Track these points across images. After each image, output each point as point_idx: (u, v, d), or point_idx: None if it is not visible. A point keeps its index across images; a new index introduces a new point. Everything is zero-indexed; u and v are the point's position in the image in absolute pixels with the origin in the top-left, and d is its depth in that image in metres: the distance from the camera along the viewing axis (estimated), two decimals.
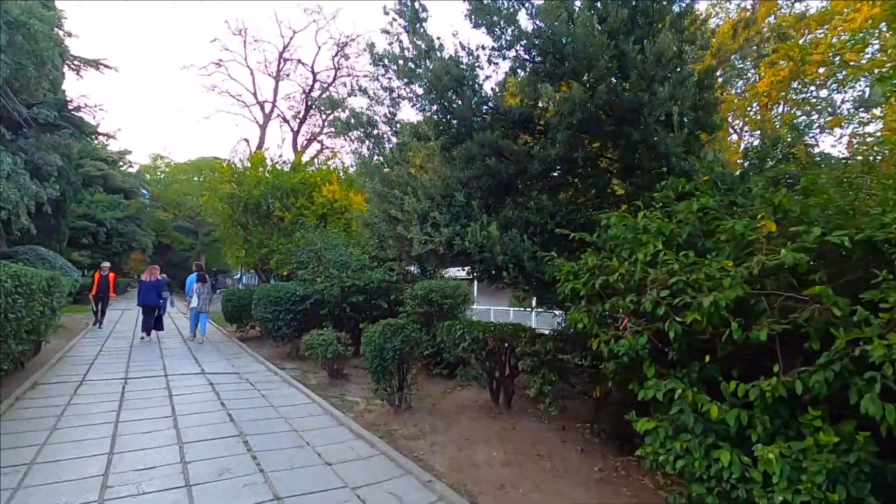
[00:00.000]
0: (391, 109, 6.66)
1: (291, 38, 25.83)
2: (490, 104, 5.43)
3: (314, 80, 24.80)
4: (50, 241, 23.53)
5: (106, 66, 22.72)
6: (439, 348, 8.03)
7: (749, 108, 17.77)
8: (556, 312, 6.67)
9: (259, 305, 11.26)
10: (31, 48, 12.53)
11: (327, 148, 25.04)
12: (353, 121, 6.30)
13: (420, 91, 5.46)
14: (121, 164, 37.87)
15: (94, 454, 4.62)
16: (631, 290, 3.19)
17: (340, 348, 8.54)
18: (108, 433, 5.23)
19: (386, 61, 6.27)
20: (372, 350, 6.55)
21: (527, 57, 4.84)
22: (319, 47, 27.54)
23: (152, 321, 12.63)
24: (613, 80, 4.19)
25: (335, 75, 24.85)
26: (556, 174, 5.26)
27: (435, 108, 5.13)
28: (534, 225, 4.57)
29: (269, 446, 5.02)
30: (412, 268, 11.15)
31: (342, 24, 65.56)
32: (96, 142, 36.55)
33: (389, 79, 6.46)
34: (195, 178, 40.64)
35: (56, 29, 19.87)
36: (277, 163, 14.62)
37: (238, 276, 26.79)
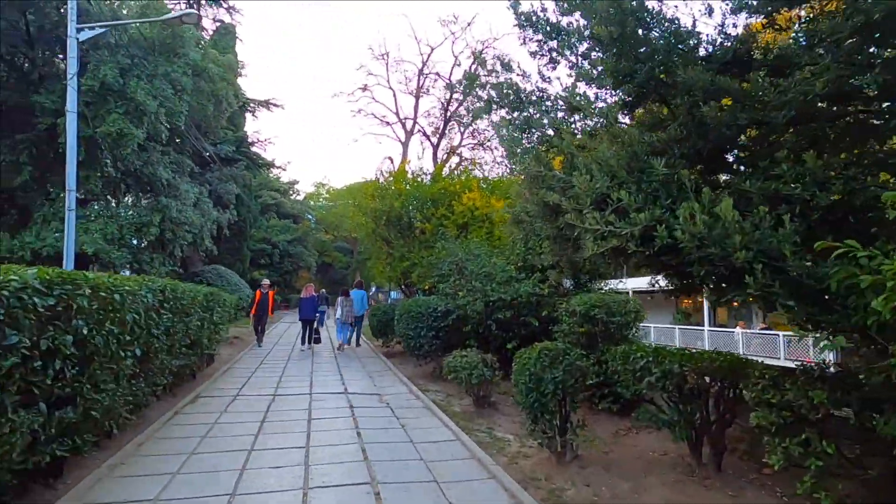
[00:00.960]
0: (539, 86, 5.38)
1: (429, 55, 26.23)
2: (690, 41, 3.79)
3: (452, 92, 24.69)
4: (234, 262, 27.11)
5: (274, 105, 25.59)
6: (609, 378, 6.37)
7: None
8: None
9: (401, 321, 10.73)
10: (210, 89, 14.16)
11: (466, 160, 24.80)
12: (496, 98, 5.14)
13: (582, 43, 4.06)
14: (290, 192, 42.99)
15: (216, 493, 4.06)
16: None
17: (487, 373, 7.37)
18: (239, 465, 4.72)
19: (534, 18, 5.02)
20: (526, 381, 5.21)
21: None
22: (456, 57, 27.17)
23: (310, 333, 13.44)
24: None
25: (473, 84, 24.46)
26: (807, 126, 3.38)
27: (607, 50, 3.69)
28: (791, 201, 2.82)
29: None
30: (566, 280, 9.58)
31: (478, 30, 66.26)
32: (271, 175, 42.02)
33: (539, 41, 5.19)
34: (349, 202, 44.18)
35: (234, 75, 22.87)
36: (418, 175, 14.35)
37: (377, 290, 27.66)
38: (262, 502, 3.94)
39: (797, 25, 3.59)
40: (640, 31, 3.50)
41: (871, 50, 2.82)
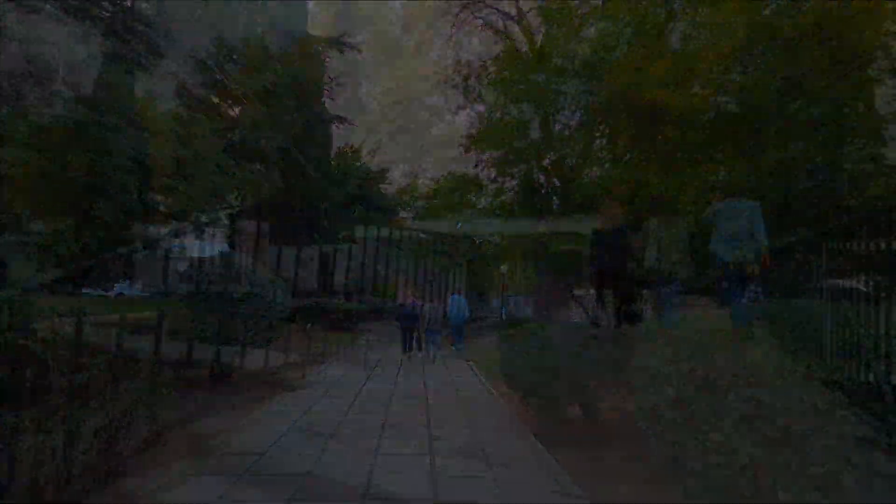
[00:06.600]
0: None
1: None
2: None
3: None
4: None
5: (348, 46, 19.28)
6: None
7: None
8: None
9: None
10: None
11: None
12: None
13: None
14: (381, 182, 37.35)
15: None
16: None
17: None
18: None
19: None
20: None
21: None
22: None
23: (412, 341, 13.05)
24: None
25: None
26: None
27: None
28: None
29: None
30: None
31: None
32: (357, 162, 36.64)
33: None
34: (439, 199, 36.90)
35: None
36: None
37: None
38: None
39: None
40: None
41: None
